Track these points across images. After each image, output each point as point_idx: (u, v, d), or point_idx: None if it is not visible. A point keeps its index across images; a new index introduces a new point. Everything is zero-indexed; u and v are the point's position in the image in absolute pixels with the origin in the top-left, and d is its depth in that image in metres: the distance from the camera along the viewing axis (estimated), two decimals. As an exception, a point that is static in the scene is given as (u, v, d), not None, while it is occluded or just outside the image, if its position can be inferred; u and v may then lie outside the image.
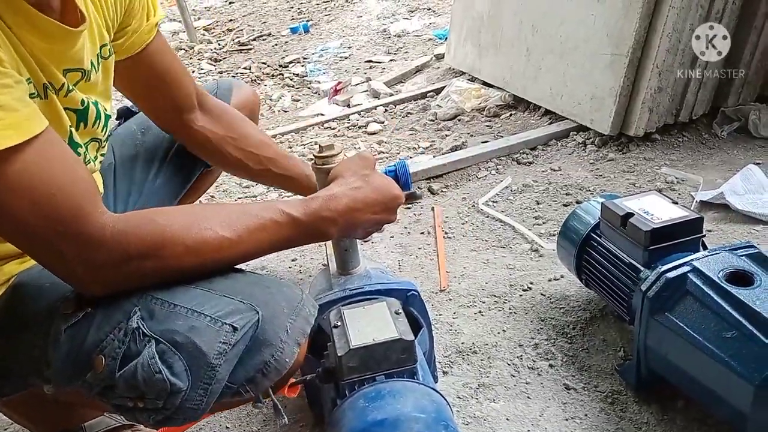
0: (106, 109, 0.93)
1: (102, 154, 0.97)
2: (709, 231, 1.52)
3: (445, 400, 0.83)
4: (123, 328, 0.69)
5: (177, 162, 1.17)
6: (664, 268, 0.98)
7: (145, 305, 0.71)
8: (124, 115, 1.20)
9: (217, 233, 0.73)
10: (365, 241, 1.55)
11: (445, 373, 1.19)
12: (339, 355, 0.81)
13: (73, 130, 0.85)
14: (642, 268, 1.05)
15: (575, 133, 2.14)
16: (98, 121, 0.91)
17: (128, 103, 1.17)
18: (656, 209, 1.09)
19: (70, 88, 0.83)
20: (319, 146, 0.97)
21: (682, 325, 0.93)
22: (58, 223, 0.64)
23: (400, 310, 0.90)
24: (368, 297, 0.96)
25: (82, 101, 0.86)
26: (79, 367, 0.70)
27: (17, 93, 0.63)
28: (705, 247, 1.10)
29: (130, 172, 1.12)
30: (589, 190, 1.81)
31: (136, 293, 0.72)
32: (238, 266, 0.81)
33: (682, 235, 1.05)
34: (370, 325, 0.86)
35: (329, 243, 1.11)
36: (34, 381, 0.76)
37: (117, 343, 0.69)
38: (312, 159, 0.99)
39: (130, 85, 1.04)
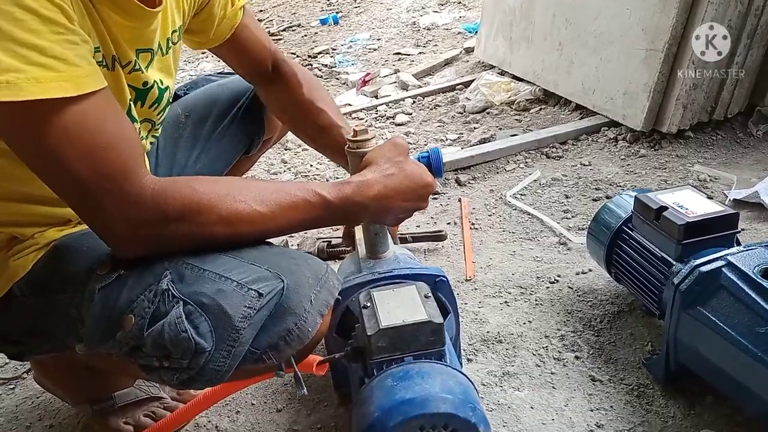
0: (170, 95, 0.96)
1: (154, 136, 0.99)
2: (743, 230, 1.49)
3: (472, 383, 0.83)
4: (153, 290, 0.71)
5: (218, 146, 1.19)
6: (698, 261, 0.96)
7: (176, 269, 0.72)
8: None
9: (250, 206, 0.75)
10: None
11: (469, 360, 1.19)
12: (369, 334, 0.82)
13: (132, 104, 0.87)
14: (674, 262, 1.04)
15: (606, 128, 2.12)
16: (157, 105, 0.93)
17: (182, 82, 1.20)
18: (691, 204, 1.07)
19: (137, 67, 0.85)
20: (354, 130, 0.98)
21: (714, 319, 0.92)
22: (104, 177, 0.66)
23: (430, 294, 0.90)
24: (397, 281, 0.97)
25: (145, 83, 0.88)
26: (110, 326, 0.72)
27: (81, 51, 0.65)
28: (739, 244, 1.08)
29: (171, 154, 1.14)
30: (620, 186, 1.79)
31: (168, 257, 0.74)
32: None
33: (717, 230, 1.04)
34: (399, 307, 0.86)
35: (359, 227, 1.12)
36: (70, 341, 0.78)
37: (147, 303, 0.71)
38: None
39: (216, 54, 1.11)
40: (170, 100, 0.98)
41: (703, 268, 0.95)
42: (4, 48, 0.59)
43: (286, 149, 2.39)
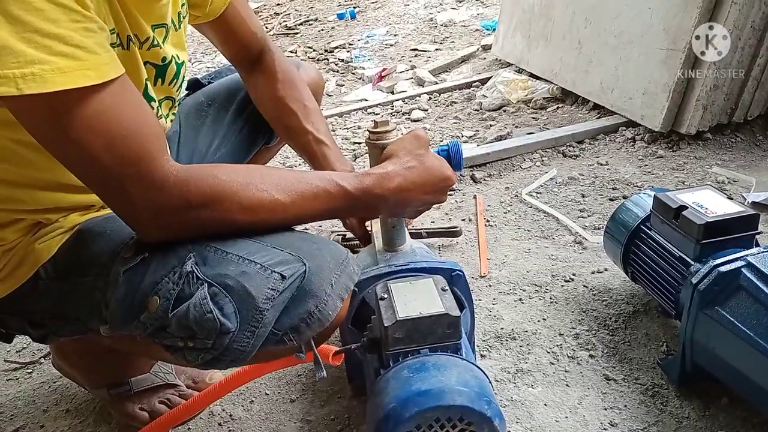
0: (186, 70, 0.97)
1: (174, 114, 1.00)
2: (762, 232, 1.47)
3: (487, 377, 0.84)
4: (177, 272, 0.72)
5: (238, 136, 1.20)
6: (717, 261, 0.96)
7: (200, 252, 0.73)
8: (193, 86, 1.23)
9: (272, 195, 0.76)
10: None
11: (483, 356, 1.19)
12: (386, 325, 0.82)
13: (149, 84, 0.88)
14: (693, 262, 1.03)
15: (624, 128, 2.10)
16: (175, 81, 0.94)
17: (198, 75, 1.20)
18: (710, 203, 1.07)
19: (155, 42, 0.86)
20: (374, 122, 0.98)
21: (732, 319, 0.91)
22: (127, 164, 0.67)
23: (447, 287, 0.90)
24: (413, 274, 0.97)
25: (164, 58, 0.89)
26: (134, 308, 0.73)
27: (99, 38, 0.66)
28: (758, 246, 1.07)
29: (193, 142, 1.15)
30: (637, 186, 1.78)
31: (191, 241, 0.75)
32: None
33: (737, 231, 1.03)
34: (416, 299, 0.86)
35: (376, 220, 1.13)
36: (94, 323, 0.79)
37: (171, 285, 0.72)
38: (365, 136, 1.00)
39: (205, 34, 1.12)
40: (186, 76, 0.99)
41: (723, 269, 0.95)
42: (27, 39, 0.60)
43: (301, 143, 2.40)
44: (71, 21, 0.63)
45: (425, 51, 3.48)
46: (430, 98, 2.77)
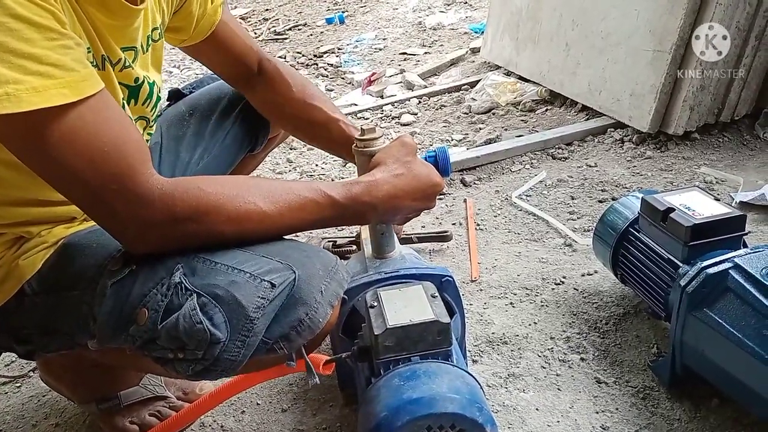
0: (159, 90, 0.96)
1: (149, 134, 0.99)
2: (749, 232, 1.48)
3: (479, 383, 0.83)
4: (166, 283, 0.72)
5: (222, 145, 1.19)
6: (705, 263, 0.96)
7: (188, 263, 0.73)
8: (175, 96, 1.22)
9: (259, 207, 0.75)
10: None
11: (474, 361, 1.19)
12: (376, 334, 0.82)
13: (125, 103, 0.87)
14: (681, 264, 1.04)
15: (613, 129, 2.11)
16: (149, 101, 0.93)
17: (179, 84, 1.20)
18: (697, 205, 1.07)
19: (127, 64, 0.85)
20: (361, 129, 0.98)
21: (721, 321, 0.92)
22: (110, 179, 0.67)
23: (436, 294, 0.90)
24: (403, 280, 0.97)
25: (136, 79, 0.88)
26: (123, 321, 0.73)
27: (76, 54, 0.65)
28: (746, 247, 1.08)
29: (175, 152, 1.14)
30: (626, 187, 1.78)
31: (179, 252, 0.74)
32: None
33: (724, 232, 1.04)
34: (406, 307, 0.86)
35: (365, 227, 1.12)
36: (81, 337, 0.79)
37: (160, 296, 0.71)
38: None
39: (199, 57, 1.11)
40: (160, 96, 0.98)
41: (710, 270, 0.95)
42: (1, 60, 0.59)
43: (291, 149, 2.40)
44: (46, 39, 0.62)
45: (414, 55, 3.49)
46: (420, 102, 2.78)
